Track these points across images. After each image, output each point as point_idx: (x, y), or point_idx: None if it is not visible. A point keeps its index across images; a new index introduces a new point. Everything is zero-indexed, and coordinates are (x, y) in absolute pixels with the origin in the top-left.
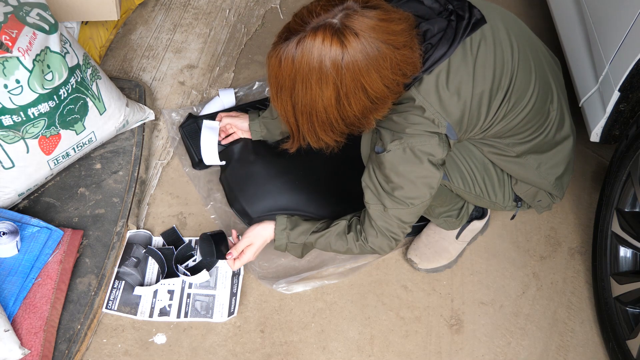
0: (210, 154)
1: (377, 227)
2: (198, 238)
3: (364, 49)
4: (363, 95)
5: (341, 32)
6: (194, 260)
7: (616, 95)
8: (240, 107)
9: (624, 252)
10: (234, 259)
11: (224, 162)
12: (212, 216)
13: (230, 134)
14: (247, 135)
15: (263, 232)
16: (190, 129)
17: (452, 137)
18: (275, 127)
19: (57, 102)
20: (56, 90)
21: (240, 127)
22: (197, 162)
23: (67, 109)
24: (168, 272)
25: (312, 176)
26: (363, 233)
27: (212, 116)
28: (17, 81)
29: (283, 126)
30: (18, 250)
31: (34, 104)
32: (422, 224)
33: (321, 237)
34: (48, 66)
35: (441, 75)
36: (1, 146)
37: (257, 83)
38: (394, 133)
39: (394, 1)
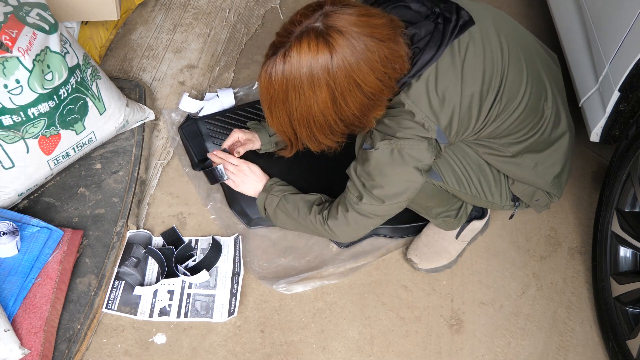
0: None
1: (344, 212)
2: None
3: (350, 45)
4: (358, 92)
5: (326, 33)
6: (194, 260)
7: (616, 95)
8: (240, 108)
9: (624, 252)
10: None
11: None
12: (212, 216)
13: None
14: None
15: (257, 173)
16: (190, 129)
17: (442, 142)
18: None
19: (57, 102)
20: (56, 90)
21: (249, 144)
22: (197, 163)
23: (67, 109)
24: (168, 272)
25: (312, 177)
26: (327, 211)
27: (211, 117)
28: (17, 81)
29: (280, 138)
30: (18, 250)
31: (34, 104)
32: (422, 223)
33: (294, 199)
34: (48, 66)
35: (430, 79)
36: (1, 146)
37: (257, 83)
38: (385, 135)
39: (382, 7)
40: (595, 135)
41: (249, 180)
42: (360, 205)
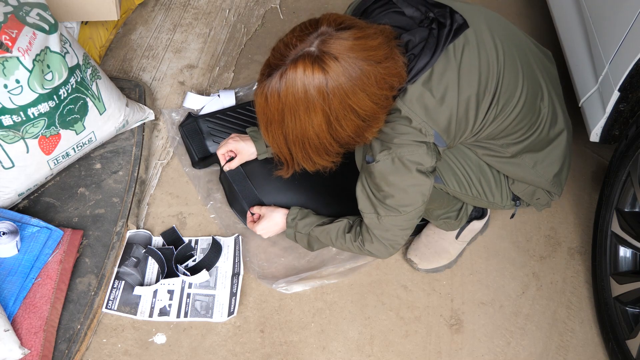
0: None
1: (373, 234)
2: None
3: (345, 71)
4: (354, 116)
5: (320, 59)
6: (194, 260)
7: (616, 95)
8: (240, 107)
9: (624, 252)
10: (252, 221)
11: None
12: (212, 216)
13: (231, 158)
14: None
15: (277, 215)
16: (190, 128)
17: (440, 145)
18: None
19: (57, 102)
20: (56, 90)
21: (245, 153)
22: (197, 162)
23: (67, 109)
24: (168, 272)
25: (312, 176)
26: (360, 236)
27: (211, 115)
28: (17, 81)
29: (275, 156)
30: (18, 250)
31: (34, 104)
32: (421, 223)
33: (323, 232)
34: (48, 66)
35: (425, 84)
36: (1, 146)
37: (257, 83)
38: (383, 143)
39: (375, 13)
40: (595, 135)
41: (271, 221)
42: (381, 221)
